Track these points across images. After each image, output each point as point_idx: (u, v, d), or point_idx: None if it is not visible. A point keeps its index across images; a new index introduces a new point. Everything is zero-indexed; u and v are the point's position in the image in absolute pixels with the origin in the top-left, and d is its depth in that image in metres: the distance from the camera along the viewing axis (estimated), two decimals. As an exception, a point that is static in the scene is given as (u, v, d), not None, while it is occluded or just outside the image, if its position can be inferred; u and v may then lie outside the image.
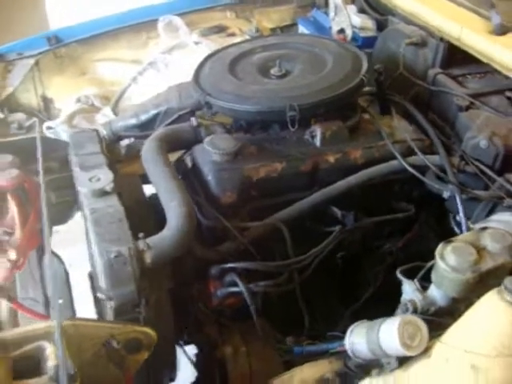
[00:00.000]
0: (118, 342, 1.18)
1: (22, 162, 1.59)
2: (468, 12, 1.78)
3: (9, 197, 1.55)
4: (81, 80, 2.18)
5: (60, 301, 1.86)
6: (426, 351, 1.09)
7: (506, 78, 1.70)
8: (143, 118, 1.74)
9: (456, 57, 1.77)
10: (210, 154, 1.44)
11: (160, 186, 1.35)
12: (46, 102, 2.17)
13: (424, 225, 1.67)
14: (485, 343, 1.04)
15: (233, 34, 2.17)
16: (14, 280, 1.71)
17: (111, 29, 2.13)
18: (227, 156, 1.43)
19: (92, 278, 1.89)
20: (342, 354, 1.32)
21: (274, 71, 1.67)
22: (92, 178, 1.35)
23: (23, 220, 1.56)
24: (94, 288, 1.85)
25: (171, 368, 1.41)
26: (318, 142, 1.53)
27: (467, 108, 1.62)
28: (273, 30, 2.30)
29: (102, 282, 1.17)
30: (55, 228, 2.02)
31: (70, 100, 2.13)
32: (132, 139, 1.88)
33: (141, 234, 1.23)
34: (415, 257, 1.39)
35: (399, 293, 1.38)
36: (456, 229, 1.61)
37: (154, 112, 1.72)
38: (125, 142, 1.90)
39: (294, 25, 2.33)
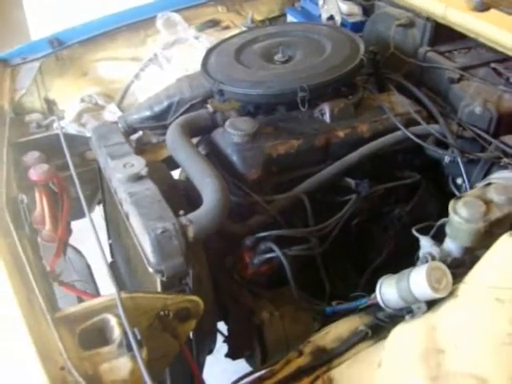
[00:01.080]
0: (170, 311, 1.27)
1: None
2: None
3: (37, 192, 1.62)
4: (82, 81, 2.24)
5: (87, 291, 1.94)
6: (451, 293, 1.23)
7: (489, 51, 1.86)
8: (157, 109, 1.83)
9: (441, 35, 1.92)
10: (230, 136, 1.54)
11: (191, 166, 1.45)
12: (49, 104, 2.23)
13: (425, 191, 1.79)
14: (505, 278, 1.17)
15: (227, 27, 2.27)
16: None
17: (110, 29, 2.21)
18: (248, 137, 1.54)
19: (113, 268, 1.99)
20: (371, 309, 1.45)
21: (277, 57, 1.79)
22: (126, 165, 1.44)
23: (53, 214, 1.63)
24: (117, 277, 1.94)
25: (211, 339, 1.51)
26: (327, 118, 1.65)
27: (458, 80, 1.76)
28: (262, 21, 2.41)
29: (152, 258, 1.26)
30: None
31: (72, 101, 2.20)
32: (141, 133, 1.97)
33: (181, 212, 1.32)
34: (419, 221, 1.53)
35: (408, 255, 1.51)
36: (456, 191, 1.75)
37: (167, 103, 1.81)
38: (135, 136, 1.98)
39: (282, 15, 2.45)
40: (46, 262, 1.66)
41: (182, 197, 1.50)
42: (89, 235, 1.54)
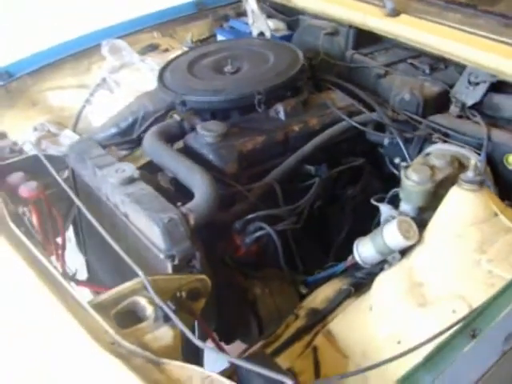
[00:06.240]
0: (183, 292, 1.42)
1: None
2: (364, 4, 2.25)
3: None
4: (32, 111, 2.32)
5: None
6: (418, 240, 1.48)
7: (404, 49, 2.18)
8: (123, 125, 1.97)
9: (362, 39, 2.23)
10: (204, 137, 1.72)
11: (178, 165, 1.62)
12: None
13: (369, 172, 2.06)
14: (460, 219, 1.45)
15: (167, 50, 2.45)
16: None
17: (55, 59, 2.31)
18: (220, 137, 1.72)
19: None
20: (348, 272, 1.67)
21: (227, 69, 2.00)
22: (118, 170, 1.57)
23: (43, 230, 1.71)
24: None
25: (214, 317, 1.65)
26: (282, 116, 1.87)
27: (385, 75, 2.06)
28: (195, 42, 2.61)
29: (163, 245, 1.40)
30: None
31: (23, 131, 2.26)
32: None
33: (178, 203, 1.48)
34: (368, 199, 1.78)
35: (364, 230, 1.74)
36: (394, 170, 2.02)
37: (132, 118, 1.96)
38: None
39: (212, 36, 2.67)
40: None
41: (170, 195, 1.65)
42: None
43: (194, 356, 1.53)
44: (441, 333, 1.11)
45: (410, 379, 1.01)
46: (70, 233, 2.04)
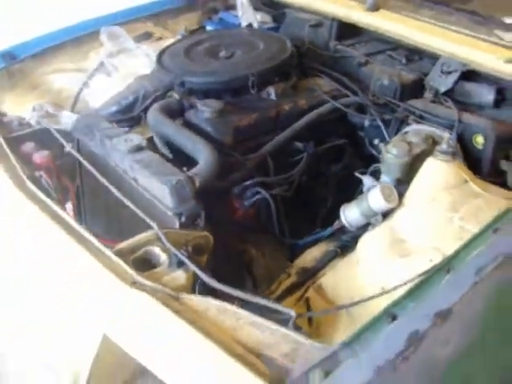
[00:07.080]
0: (189, 246, 1.56)
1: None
2: (346, -1, 2.45)
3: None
4: (32, 94, 2.42)
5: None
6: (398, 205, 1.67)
7: (382, 43, 2.38)
8: (124, 103, 2.10)
9: (344, 31, 2.42)
10: (203, 113, 1.88)
11: (181, 137, 1.77)
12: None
13: (351, 153, 2.25)
14: (434, 185, 1.64)
15: (161, 38, 2.59)
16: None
17: (56, 43, 2.44)
18: (216, 113, 1.88)
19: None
20: (335, 237, 1.85)
21: (222, 54, 2.17)
22: (126, 140, 1.72)
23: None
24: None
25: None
26: (273, 97, 2.04)
27: (366, 64, 2.26)
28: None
29: (171, 203, 1.56)
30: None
31: (23, 112, 2.37)
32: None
33: (184, 168, 1.64)
34: (350, 176, 1.95)
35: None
36: (374, 151, 2.21)
37: (132, 97, 2.09)
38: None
39: (201, 27, 2.83)
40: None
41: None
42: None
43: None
44: (420, 274, 1.29)
45: (394, 307, 1.18)
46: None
